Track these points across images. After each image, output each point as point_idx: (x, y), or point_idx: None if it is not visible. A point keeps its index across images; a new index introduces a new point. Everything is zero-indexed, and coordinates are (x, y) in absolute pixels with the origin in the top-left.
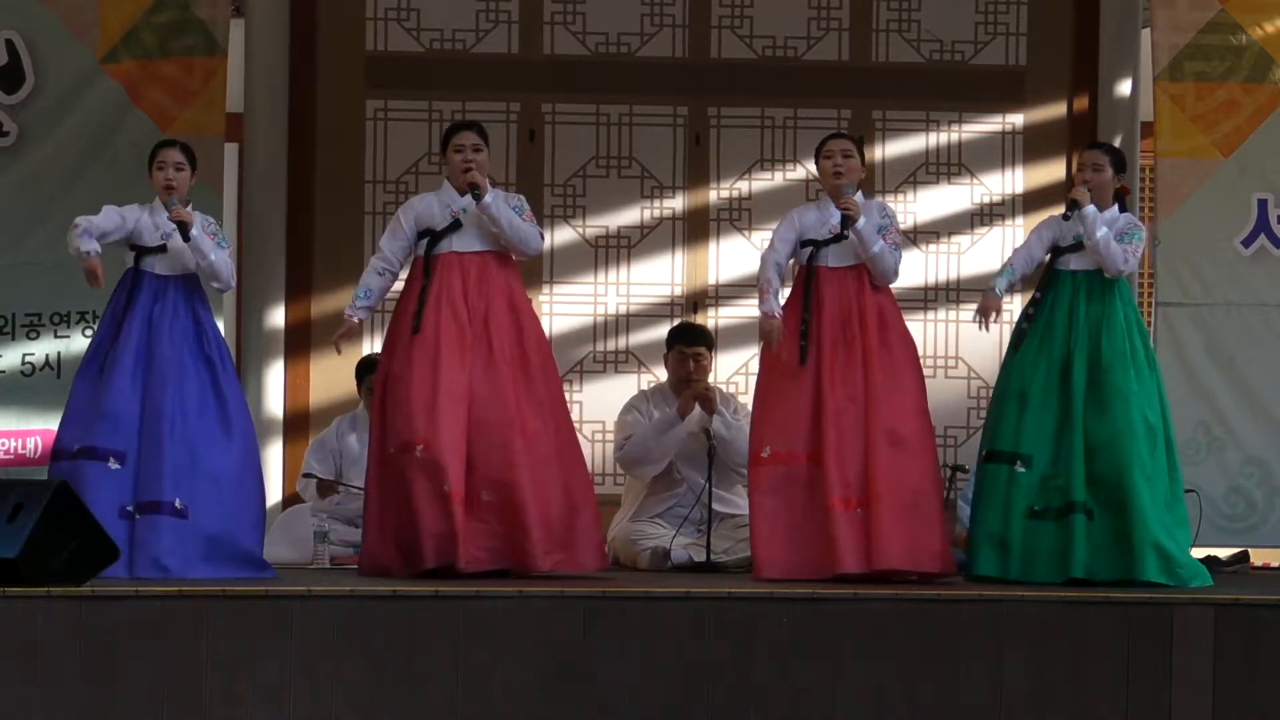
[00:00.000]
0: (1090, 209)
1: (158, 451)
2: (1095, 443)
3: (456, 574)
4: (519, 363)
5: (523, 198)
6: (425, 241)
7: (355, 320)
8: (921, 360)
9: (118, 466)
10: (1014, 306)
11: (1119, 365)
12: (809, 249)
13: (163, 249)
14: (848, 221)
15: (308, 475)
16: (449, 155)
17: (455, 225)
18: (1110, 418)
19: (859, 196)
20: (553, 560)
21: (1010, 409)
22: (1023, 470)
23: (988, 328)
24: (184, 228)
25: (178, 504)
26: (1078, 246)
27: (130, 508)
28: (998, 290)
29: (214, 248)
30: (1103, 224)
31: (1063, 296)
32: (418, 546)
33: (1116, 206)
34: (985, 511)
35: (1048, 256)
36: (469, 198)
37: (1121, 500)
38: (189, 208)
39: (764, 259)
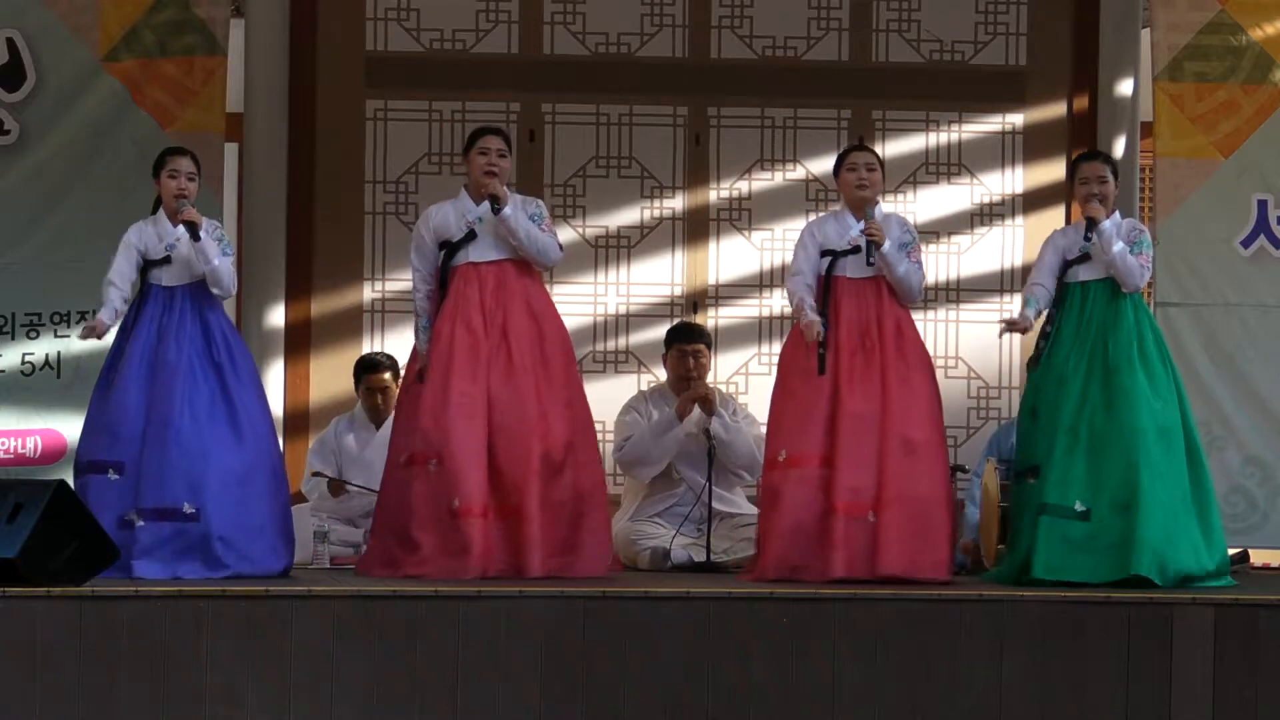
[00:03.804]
0: (1107, 224)
1: (166, 457)
2: (1102, 444)
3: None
4: (541, 368)
5: (542, 204)
6: (443, 254)
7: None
8: None
9: (116, 477)
10: (1014, 308)
11: (1125, 366)
12: (827, 259)
13: (167, 260)
14: (873, 247)
15: (317, 474)
16: (472, 157)
17: (471, 236)
18: (1116, 418)
19: (879, 209)
20: (555, 564)
21: (1025, 426)
22: (1032, 482)
23: (1003, 335)
24: (193, 228)
25: (187, 508)
26: (1085, 258)
27: (130, 516)
28: (1030, 316)
29: (218, 253)
30: (1118, 238)
31: (1072, 307)
32: (416, 553)
33: (1117, 213)
34: (1013, 529)
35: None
36: (484, 206)
37: (1128, 500)
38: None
39: (792, 285)
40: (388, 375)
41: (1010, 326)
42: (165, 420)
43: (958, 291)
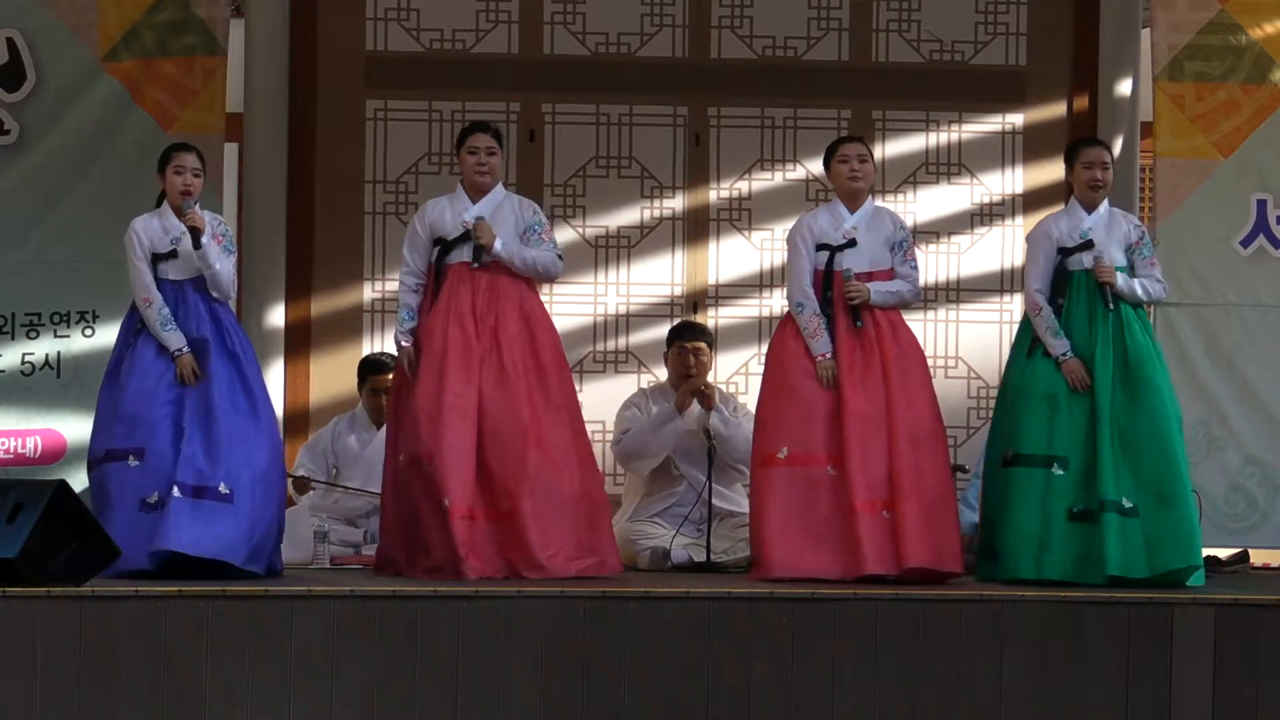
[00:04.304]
0: (1120, 283)
1: (210, 440)
2: (1135, 438)
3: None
4: (533, 371)
5: (539, 210)
6: (437, 250)
7: (410, 346)
8: None
9: (136, 463)
10: (1014, 308)
11: (1148, 360)
12: (824, 253)
13: (173, 254)
14: (858, 313)
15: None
16: (462, 156)
17: (466, 235)
18: (1148, 412)
19: (869, 205)
20: (577, 566)
21: (1039, 411)
22: (1060, 472)
23: (1087, 383)
24: (195, 233)
25: (223, 488)
26: (1087, 245)
27: (151, 499)
28: (1068, 352)
29: (220, 255)
30: (1134, 282)
31: (1079, 296)
32: (428, 554)
33: (1106, 201)
34: (1020, 514)
35: (1058, 260)
36: (483, 204)
37: (1173, 492)
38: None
39: (798, 295)
40: (392, 376)
41: (1079, 380)
42: (195, 407)
43: (958, 291)
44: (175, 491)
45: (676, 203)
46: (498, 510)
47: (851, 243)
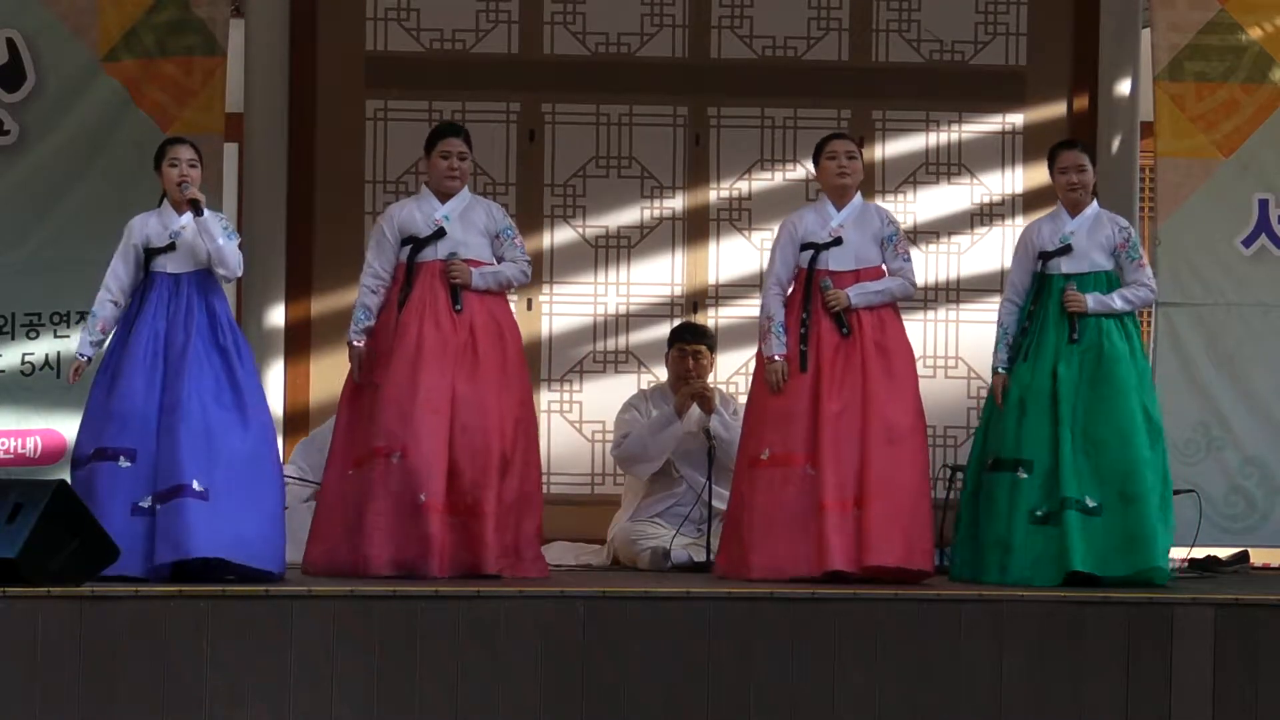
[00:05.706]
0: (1090, 303)
1: (176, 439)
2: (1099, 438)
3: (420, 577)
4: (500, 367)
5: (506, 213)
6: (408, 249)
7: (361, 346)
8: (921, 360)
9: (128, 464)
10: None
11: (1120, 361)
12: (809, 252)
13: (172, 247)
14: (842, 319)
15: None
16: (433, 160)
17: (439, 234)
18: (1114, 411)
19: (856, 203)
20: (500, 564)
21: (1011, 416)
22: (1024, 476)
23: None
24: (196, 205)
25: (196, 485)
26: (1065, 250)
27: (144, 504)
28: (1000, 368)
29: (223, 234)
30: (1113, 297)
31: (1055, 299)
32: (370, 554)
33: (1095, 201)
34: (990, 519)
35: (1039, 265)
36: (451, 205)
37: (1134, 492)
38: None
39: (767, 292)
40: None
41: (998, 392)
42: (175, 402)
43: (958, 291)
44: (156, 503)
45: (676, 203)
46: (464, 503)
47: (837, 241)
